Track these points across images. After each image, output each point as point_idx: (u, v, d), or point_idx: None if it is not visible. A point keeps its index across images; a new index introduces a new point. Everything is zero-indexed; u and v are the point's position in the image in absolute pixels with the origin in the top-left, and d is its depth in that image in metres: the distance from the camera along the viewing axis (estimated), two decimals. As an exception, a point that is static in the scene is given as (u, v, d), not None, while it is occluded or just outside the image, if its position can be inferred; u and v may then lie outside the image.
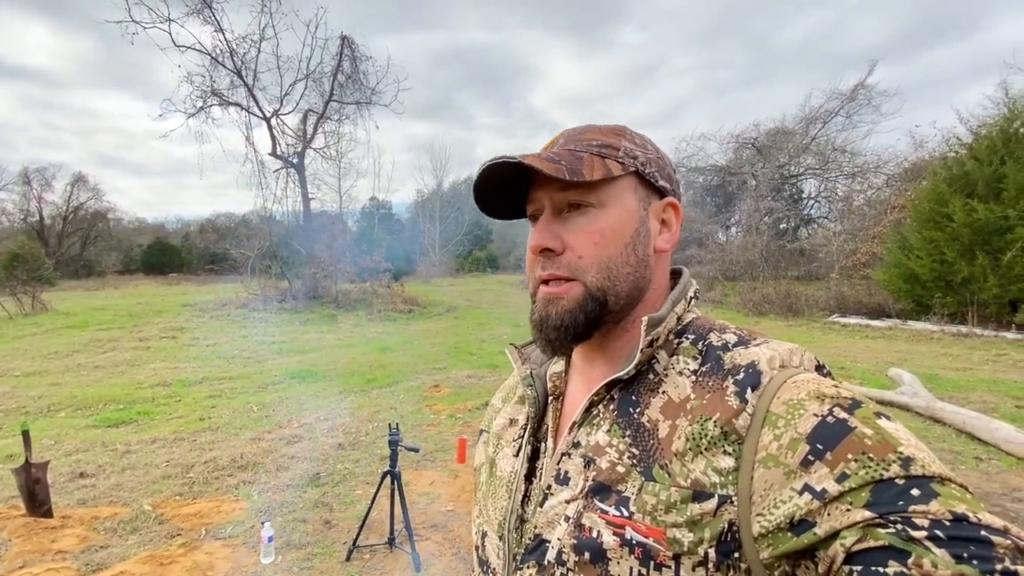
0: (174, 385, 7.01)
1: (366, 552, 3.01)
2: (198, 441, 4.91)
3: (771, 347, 0.53)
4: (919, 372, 6.56)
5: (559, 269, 0.57)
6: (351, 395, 6.51)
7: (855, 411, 0.44)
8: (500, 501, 0.63)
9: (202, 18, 14.55)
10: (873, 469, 0.40)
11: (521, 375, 0.67)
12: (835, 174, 20.78)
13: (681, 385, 0.53)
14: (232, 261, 17.32)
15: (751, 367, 0.51)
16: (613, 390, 0.57)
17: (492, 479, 0.66)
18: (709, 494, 0.46)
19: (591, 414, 0.57)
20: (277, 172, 16.75)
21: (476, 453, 0.76)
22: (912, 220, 12.50)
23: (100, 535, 3.19)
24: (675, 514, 0.47)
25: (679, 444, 0.50)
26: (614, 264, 0.57)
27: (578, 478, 0.54)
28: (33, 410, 5.89)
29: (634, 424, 0.53)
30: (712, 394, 0.51)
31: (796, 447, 0.44)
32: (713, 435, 0.48)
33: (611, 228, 0.57)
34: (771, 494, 0.44)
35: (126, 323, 12.01)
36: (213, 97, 15.40)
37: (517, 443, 0.65)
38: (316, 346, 10.14)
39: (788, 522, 0.42)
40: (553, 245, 0.57)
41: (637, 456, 0.52)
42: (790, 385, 0.48)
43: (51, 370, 7.83)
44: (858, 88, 19.10)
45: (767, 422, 0.47)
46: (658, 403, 0.53)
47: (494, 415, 0.75)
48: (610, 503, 0.51)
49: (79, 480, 4.02)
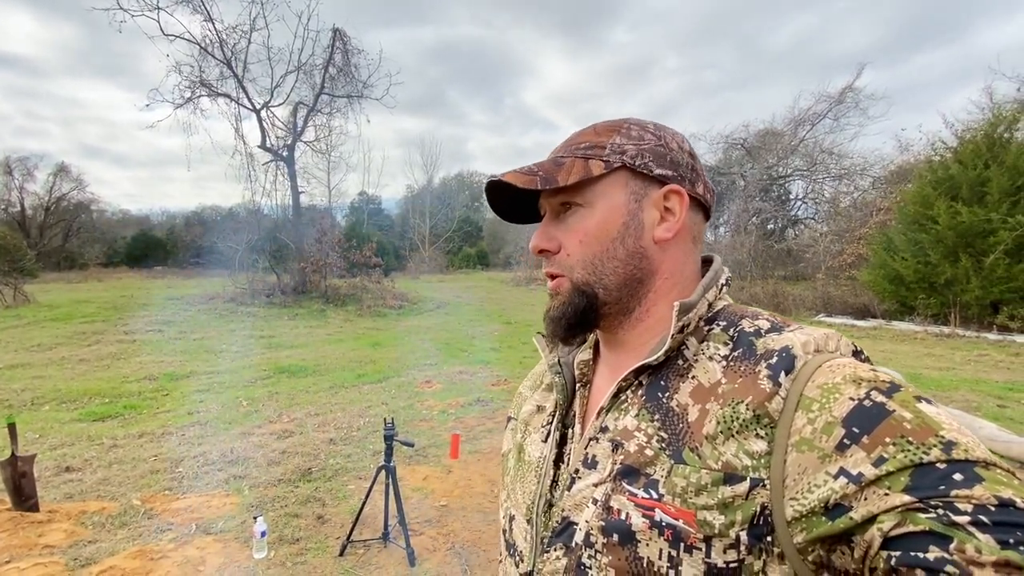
0: (161, 379, 6.91)
1: (360, 547, 3.00)
2: (187, 435, 4.84)
3: (805, 332, 0.53)
4: (903, 371, 6.68)
5: (553, 267, 0.61)
6: (342, 390, 6.46)
7: (894, 395, 0.44)
8: (529, 486, 0.63)
9: (192, 7, 14.30)
10: (913, 453, 0.39)
11: (549, 363, 0.68)
12: (822, 176, 21.08)
13: (711, 370, 0.53)
14: (219, 255, 17.09)
15: (785, 351, 0.50)
16: (641, 376, 0.58)
17: (520, 464, 0.67)
18: (741, 477, 0.46)
19: (619, 399, 0.58)
20: (266, 165, 16.56)
21: (504, 440, 0.77)
22: (897, 222, 12.72)
23: (88, 530, 3.14)
24: (706, 496, 0.47)
25: (710, 427, 0.49)
26: (599, 259, 0.59)
27: (606, 461, 0.55)
28: (16, 403, 5.77)
29: (663, 408, 0.54)
30: (744, 378, 0.50)
31: (831, 431, 0.43)
32: (745, 418, 0.48)
33: (595, 226, 0.59)
34: (805, 478, 0.43)
35: (111, 316, 11.81)
36: (202, 88, 15.15)
37: (545, 429, 0.66)
38: (305, 341, 10.05)
39: (823, 506, 0.42)
40: (548, 246, 0.61)
41: (666, 440, 0.52)
42: (825, 369, 0.48)
43: (34, 363, 7.67)
44: (846, 91, 19.37)
45: (801, 405, 0.46)
46: (687, 388, 0.54)
47: (522, 402, 0.76)
48: (639, 485, 0.51)
49: (65, 474, 3.95)
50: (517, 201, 0.66)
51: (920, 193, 11.73)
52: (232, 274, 15.65)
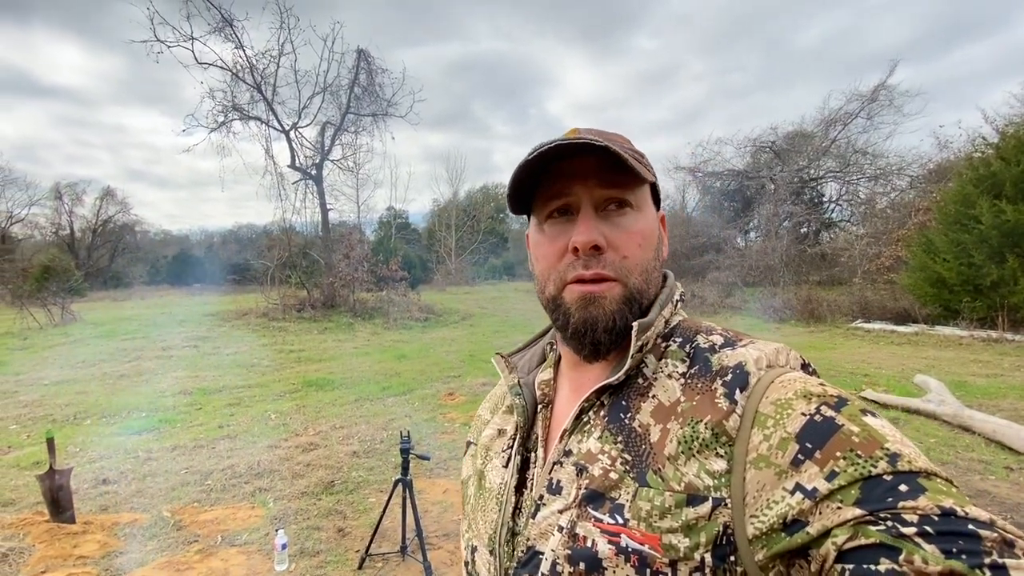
0: (195, 393, 7.14)
1: (378, 560, 3.02)
2: (216, 449, 4.98)
3: (758, 347, 0.53)
4: (947, 379, 6.35)
5: (605, 268, 0.55)
6: (366, 403, 6.55)
7: (842, 408, 0.45)
8: (490, 514, 0.61)
9: (223, 35, 14.99)
10: (861, 466, 0.40)
11: (509, 384, 0.66)
12: (856, 176, 20.40)
13: (670, 388, 0.53)
14: (253, 271, 17.65)
15: (739, 368, 0.51)
16: (603, 396, 0.57)
17: (481, 492, 0.65)
18: (703, 497, 0.46)
19: (582, 421, 0.57)
20: (296, 184, 17.08)
21: (463, 466, 0.75)
22: (938, 223, 12.18)
23: (120, 541, 3.25)
24: (670, 519, 0.47)
25: (671, 448, 0.49)
26: (650, 267, 0.59)
27: (571, 487, 0.53)
28: (60, 418, 6.05)
29: (625, 430, 0.53)
30: (701, 396, 0.51)
31: (786, 447, 0.44)
32: (705, 437, 0.48)
33: (649, 231, 0.59)
34: (763, 495, 0.44)
35: (150, 333, 12.30)
36: (234, 112, 15.81)
37: (506, 454, 0.64)
38: (333, 354, 10.24)
39: (781, 522, 0.42)
40: (602, 242, 0.55)
41: (630, 462, 0.51)
42: (777, 385, 0.48)
43: (79, 379, 8.05)
44: (879, 89, 18.77)
45: (756, 422, 0.47)
46: (648, 407, 0.53)
47: (482, 426, 0.73)
48: (604, 511, 0.50)
49: (101, 486, 4.11)
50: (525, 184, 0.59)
51: (961, 192, 11.21)
52: (265, 290, 16.13)
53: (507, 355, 0.71)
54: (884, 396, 5.78)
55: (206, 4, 14.36)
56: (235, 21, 14.90)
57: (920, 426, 5.01)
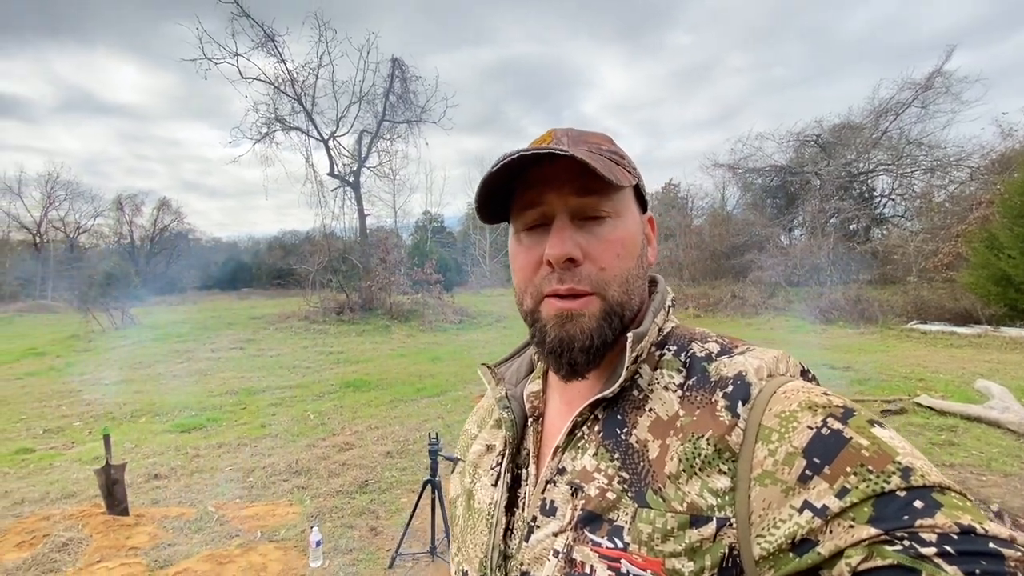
0: (240, 393, 7.45)
1: (408, 560, 3.06)
2: (259, 447, 5.18)
3: (756, 355, 0.51)
4: (1012, 384, 5.91)
5: (580, 282, 0.52)
6: (401, 404, 6.67)
7: (849, 420, 0.43)
8: (480, 536, 0.58)
9: (266, 51, 15.66)
10: (873, 482, 0.38)
11: (496, 397, 0.62)
12: (911, 169, 19.30)
13: (668, 401, 0.51)
14: (296, 276, 18.30)
15: (739, 378, 0.48)
16: (597, 410, 0.54)
17: (470, 512, 0.61)
18: (707, 518, 0.44)
19: (575, 436, 0.54)
20: (335, 191, 17.62)
21: (451, 484, 0.71)
22: (1001, 216, 11.38)
23: (169, 533, 3.42)
24: (673, 542, 0.44)
25: (672, 466, 0.47)
26: (631, 277, 0.55)
27: (566, 507, 0.51)
28: (119, 416, 6.44)
29: (622, 446, 0.50)
30: (702, 409, 0.48)
31: (792, 462, 0.42)
32: (707, 454, 0.46)
33: (629, 239, 0.55)
34: (770, 513, 0.42)
35: (200, 335, 12.93)
36: (276, 123, 16.49)
37: (495, 471, 0.60)
38: (371, 356, 10.48)
39: (789, 542, 0.40)
40: (577, 255, 0.51)
41: (628, 480, 0.48)
42: (780, 396, 0.46)
43: (135, 379, 8.54)
44: (934, 76, 17.73)
45: (760, 436, 0.44)
46: (645, 422, 0.51)
47: (469, 442, 0.69)
48: (602, 534, 0.47)
49: (153, 481, 4.34)
50: (495, 192, 0.55)
51: (1028, 182, 10.46)
52: (307, 294, 16.68)
53: (493, 365, 0.67)
54: (941, 402, 5.43)
55: (250, 21, 15.04)
56: (276, 36, 15.56)
57: (981, 434, 4.69)
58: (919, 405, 5.48)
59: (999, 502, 3.31)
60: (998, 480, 3.80)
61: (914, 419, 5.18)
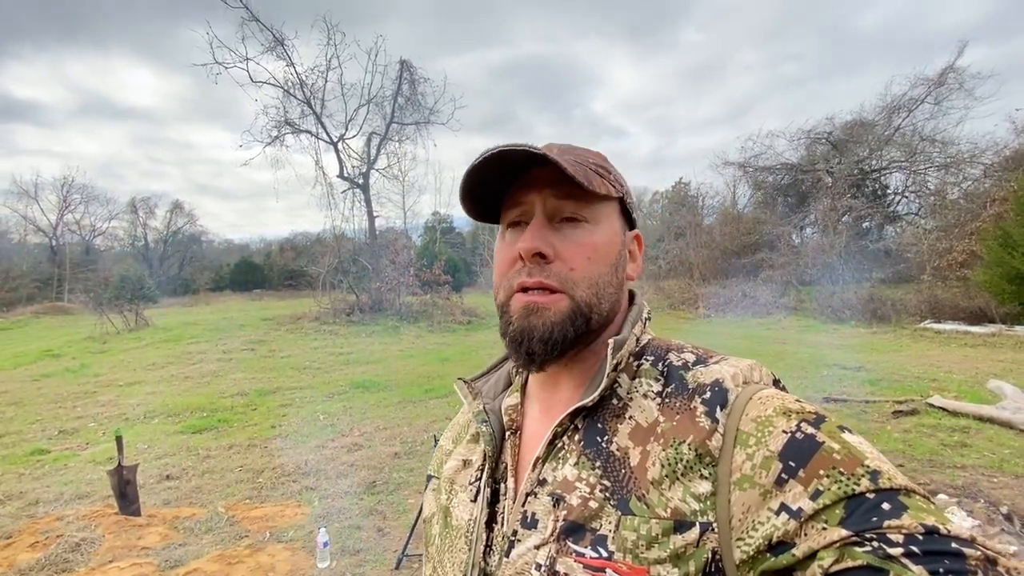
0: (251, 395, 7.54)
1: (415, 561, 3.08)
2: (269, 448, 5.24)
3: (731, 364, 0.53)
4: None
5: (548, 278, 0.54)
6: (409, 405, 6.71)
7: (821, 425, 0.44)
8: (458, 555, 0.57)
9: (275, 55, 15.78)
10: (845, 484, 0.40)
11: (474, 411, 0.62)
12: (924, 166, 19.02)
13: (647, 408, 0.52)
14: (307, 277, 18.45)
15: (717, 385, 0.50)
16: (577, 419, 0.55)
17: (447, 530, 0.60)
18: (690, 523, 0.45)
19: (555, 447, 0.54)
20: (344, 193, 17.73)
21: (424, 503, 0.69)
22: (1015, 214, 11.18)
23: (180, 533, 3.48)
24: (658, 549, 0.44)
25: (655, 471, 0.48)
26: (602, 281, 0.56)
27: (547, 519, 0.51)
28: (132, 416, 6.54)
29: (603, 454, 0.51)
30: (681, 415, 0.49)
31: (769, 466, 0.43)
32: (689, 459, 0.47)
33: (603, 245, 0.56)
34: (749, 516, 0.43)
35: (212, 337, 13.08)
36: (286, 126, 16.60)
37: (474, 487, 0.60)
38: (380, 357, 10.55)
39: (767, 544, 0.42)
40: (547, 251, 0.53)
41: (610, 488, 0.49)
42: (756, 402, 0.48)
43: (148, 380, 8.67)
44: (947, 72, 17.46)
45: (738, 441, 0.46)
46: (626, 429, 0.52)
47: (444, 458, 0.68)
48: (585, 544, 0.47)
49: (165, 482, 4.41)
50: (484, 187, 0.57)
51: (1044, 179, 10.26)
52: (317, 295, 16.81)
53: (469, 380, 0.68)
54: (953, 403, 5.36)
55: (259, 26, 15.18)
56: (286, 40, 15.67)
57: (993, 435, 4.62)
58: (931, 406, 5.41)
59: (1010, 504, 3.27)
60: (1009, 481, 3.74)
61: (926, 420, 5.12)
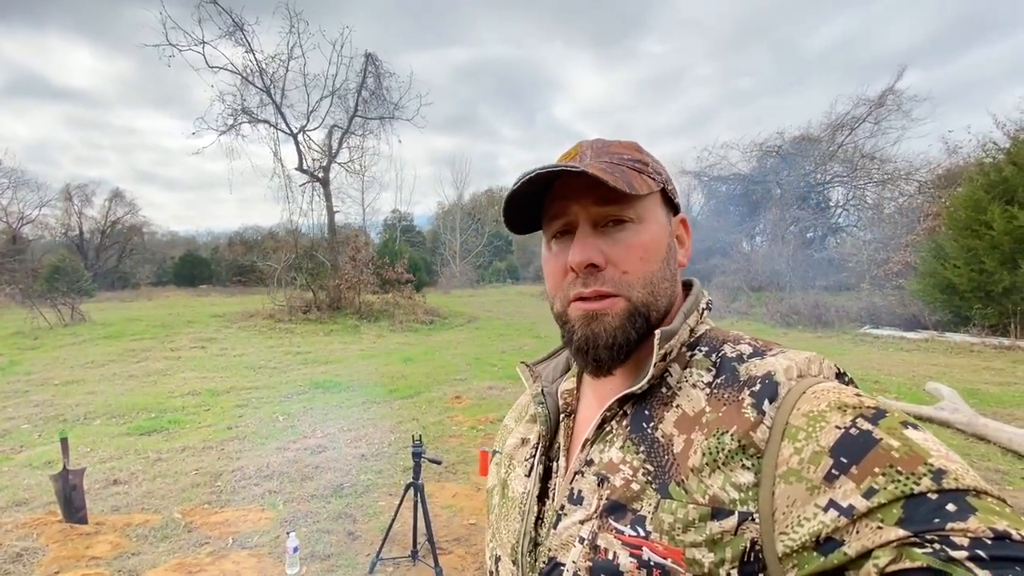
0: (203, 394, 7.16)
1: (389, 565, 3.01)
2: (226, 450, 4.99)
3: (788, 357, 0.52)
4: (959, 387, 6.29)
5: (604, 285, 0.55)
6: (374, 406, 6.55)
7: (879, 421, 0.42)
8: (513, 524, 0.61)
9: (234, 40, 15.14)
10: (903, 483, 0.38)
11: (532, 393, 0.66)
12: (864, 181, 20.36)
13: (695, 398, 0.53)
14: (259, 273, 17.73)
15: (767, 378, 0.49)
16: (626, 405, 0.57)
17: (505, 501, 0.65)
18: (728, 511, 0.45)
19: (604, 430, 0.57)
20: (303, 186, 17.16)
21: (488, 475, 0.75)
22: (947, 228, 12.11)
23: (132, 542, 3.25)
24: (694, 533, 0.45)
25: (695, 459, 0.48)
26: (656, 279, 0.57)
27: (592, 497, 0.53)
28: (70, 418, 6.08)
29: (648, 439, 0.52)
30: (728, 406, 0.50)
31: (819, 461, 0.42)
32: (730, 449, 0.47)
33: (652, 243, 0.57)
34: (794, 511, 0.42)
35: (158, 333, 12.36)
36: (243, 115, 15.93)
37: (529, 463, 0.64)
38: (340, 357, 10.26)
39: (814, 540, 0.41)
40: (598, 260, 0.55)
41: (652, 472, 0.50)
42: (809, 396, 0.47)
43: (87, 379, 8.09)
44: (886, 93, 18.78)
45: (787, 435, 0.45)
46: (672, 417, 0.53)
47: (507, 435, 0.73)
48: (625, 522, 0.49)
49: (113, 487, 4.12)
50: (525, 202, 0.60)
51: (972, 197, 11.16)
52: (271, 292, 16.18)
53: (531, 364, 0.71)
54: (895, 404, 5.73)
55: (217, 9, 14.51)
56: (245, 25, 15.06)
57: (933, 434, 4.96)
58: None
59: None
60: (950, 477, 4.03)
61: (872, 420, 5.44)
